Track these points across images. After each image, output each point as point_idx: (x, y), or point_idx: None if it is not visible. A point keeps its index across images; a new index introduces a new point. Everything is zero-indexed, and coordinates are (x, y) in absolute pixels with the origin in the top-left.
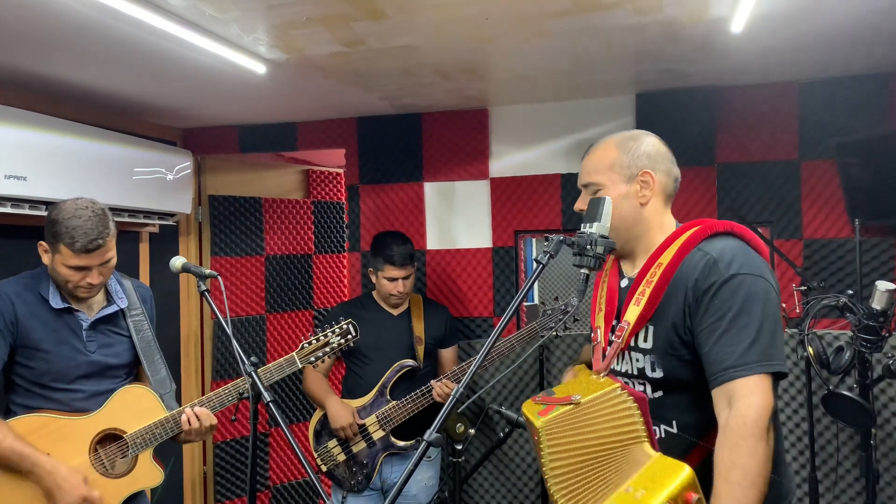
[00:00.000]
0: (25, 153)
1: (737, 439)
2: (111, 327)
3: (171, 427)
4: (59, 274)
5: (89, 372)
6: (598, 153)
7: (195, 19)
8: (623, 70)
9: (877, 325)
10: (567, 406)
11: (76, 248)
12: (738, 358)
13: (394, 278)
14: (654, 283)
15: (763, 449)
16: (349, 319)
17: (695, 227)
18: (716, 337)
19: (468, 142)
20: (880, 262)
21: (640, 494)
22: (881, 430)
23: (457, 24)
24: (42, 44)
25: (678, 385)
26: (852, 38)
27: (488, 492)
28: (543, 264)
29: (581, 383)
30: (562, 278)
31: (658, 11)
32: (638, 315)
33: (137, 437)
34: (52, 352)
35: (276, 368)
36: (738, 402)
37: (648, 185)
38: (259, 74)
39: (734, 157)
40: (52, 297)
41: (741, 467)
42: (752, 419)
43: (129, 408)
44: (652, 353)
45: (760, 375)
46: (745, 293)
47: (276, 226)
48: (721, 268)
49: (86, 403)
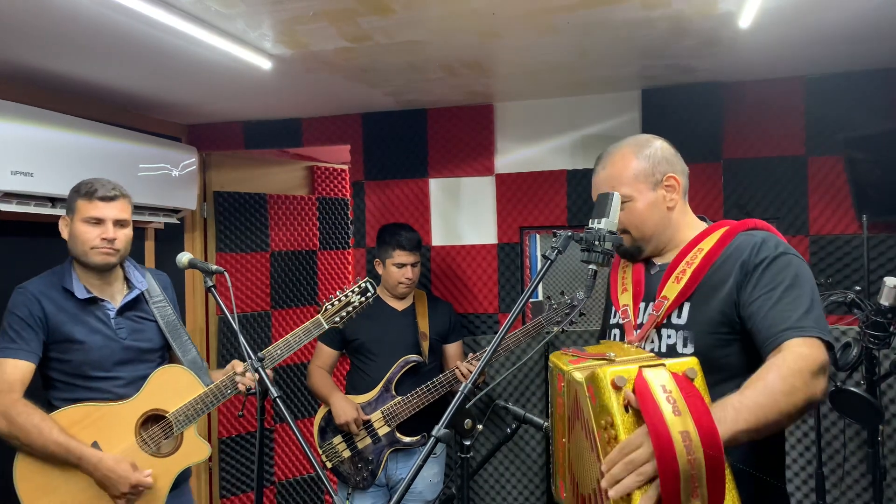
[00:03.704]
0: (32, 149)
1: (770, 366)
2: (137, 313)
3: (210, 400)
4: (76, 236)
5: (125, 358)
6: (616, 165)
7: (201, 15)
8: (629, 65)
9: (885, 321)
10: (601, 360)
11: (96, 195)
12: (796, 321)
13: (403, 264)
14: (695, 263)
15: (795, 381)
16: (367, 278)
17: (728, 225)
18: (772, 303)
19: (473, 138)
20: (888, 258)
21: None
22: (888, 426)
23: (463, 18)
24: (48, 40)
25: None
26: (860, 33)
27: (493, 487)
28: (552, 260)
29: (614, 347)
30: (566, 274)
31: (666, 6)
32: (679, 291)
33: (180, 415)
34: (87, 342)
35: (303, 332)
36: (785, 350)
37: (674, 189)
38: (264, 70)
39: (741, 152)
40: (76, 288)
41: (764, 381)
42: (791, 358)
43: (168, 387)
44: (686, 328)
45: (815, 338)
46: (796, 269)
47: (281, 222)
48: (770, 245)
49: (126, 390)
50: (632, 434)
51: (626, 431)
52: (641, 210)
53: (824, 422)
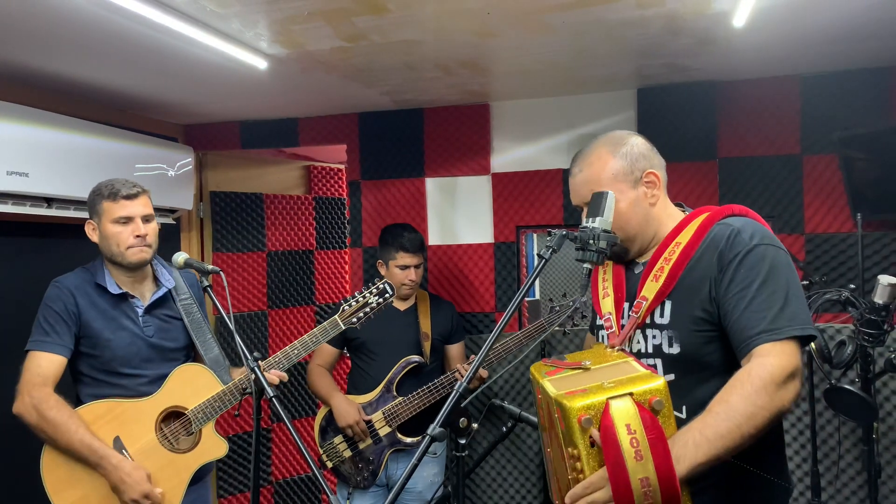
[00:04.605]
0: (27, 149)
1: (735, 382)
2: (165, 311)
3: (228, 399)
4: (108, 237)
5: (151, 356)
6: (594, 166)
7: (196, 15)
8: (625, 64)
9: (879, 319)
10: (576, 370)
11: (120, 195)
12: (769, 323)
13: (406, 265)
14: (673, 259)
15: (763, 401)
16: (384, 279)
17: (708, 212)
18: (745, 303)
19: (470, 137)
20: (882, 256)
21: (609, 385)
22: (883, 423)
23: (458, 18)
24: (44, 40)
25: (692, 367)
26: (854, 31)
27: (490, 486)
28: (546, 259)
29: (594, 353)
30: (562, 273)
31: (660, 5)
32: (657, 290)
33: (199, 412)
34: (114, 339)
35: (320, 332)
36: (754, 359)
37: (655, 185)
38: (260, 70)
39: (736, 151)
40: (109, 284)
41: (727, 403)
42: (756, 372)
43: (187, 385)
44: (669, 328)
45: (786, 340)
46: (771, 261)
47: (278, 222)
48: (745, 237)
49: (150, 387)
50: (594, 474)
51: (591, 469)
52: (624, 210)
53: (819, 419)
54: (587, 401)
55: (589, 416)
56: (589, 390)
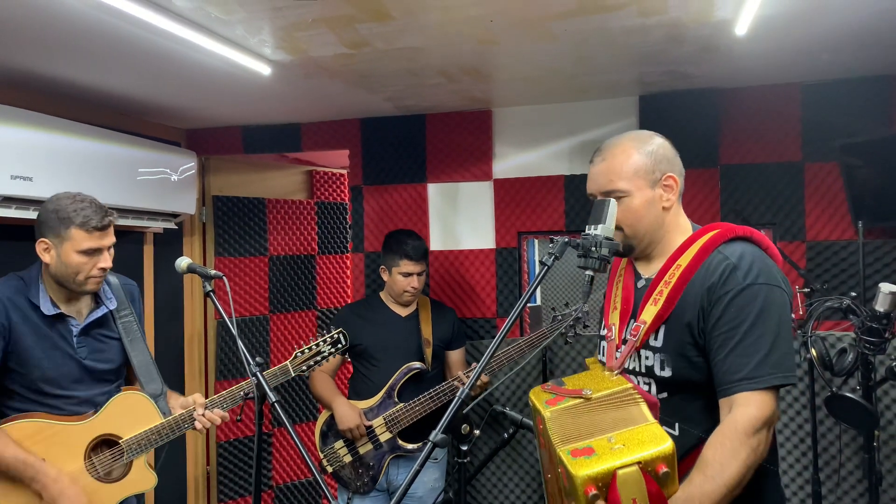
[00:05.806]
0: (31, 154)
1: (723, 439)
2: (102, 331)
3: (166, 433)
4: (70, 265)
5: (82, 377)
6: (617, 158)
7: (201, 21)
8: (627, 72)
9: (880, 327)
10: (577, 399)
11: (92, 225)
12: (751, 370)
13: (409, 273)
14: (672, 283)
15: (746, 454)
16: (340, 329)
17: (714, 231)
18: (730, 347)
19: (472, 143)
20: (883, 264)
21: (617, 447)
22: (884, 431)
23: (461, 25)
24: (48, 45)
25: (684, 387)
26: (856, 40)
27: (491, 492)
28: (548, 266)
29: (593, 378)
30: (564, 280)
31: (663, 13)
32: (655, 315)
33: (133, 443)
34: (44, 358)
35: (270, 377)
36: (736, 409)
37: (672, 189)
38: (264, 76)
39: (737, 158)
40: (42, 304)
41: (719, 464)
42: (741, 425)
43: (126, 414)
44: (662, 351)
45: (765, 390)
46: (762, 303)
47: (280, 226)
48: (739, 275)
49: (79, 408)
50: None
51: None
52: (637, 207)
53: (820, 427)
54: (595, 470)
55: (596, 490)
56: (596, 452)
